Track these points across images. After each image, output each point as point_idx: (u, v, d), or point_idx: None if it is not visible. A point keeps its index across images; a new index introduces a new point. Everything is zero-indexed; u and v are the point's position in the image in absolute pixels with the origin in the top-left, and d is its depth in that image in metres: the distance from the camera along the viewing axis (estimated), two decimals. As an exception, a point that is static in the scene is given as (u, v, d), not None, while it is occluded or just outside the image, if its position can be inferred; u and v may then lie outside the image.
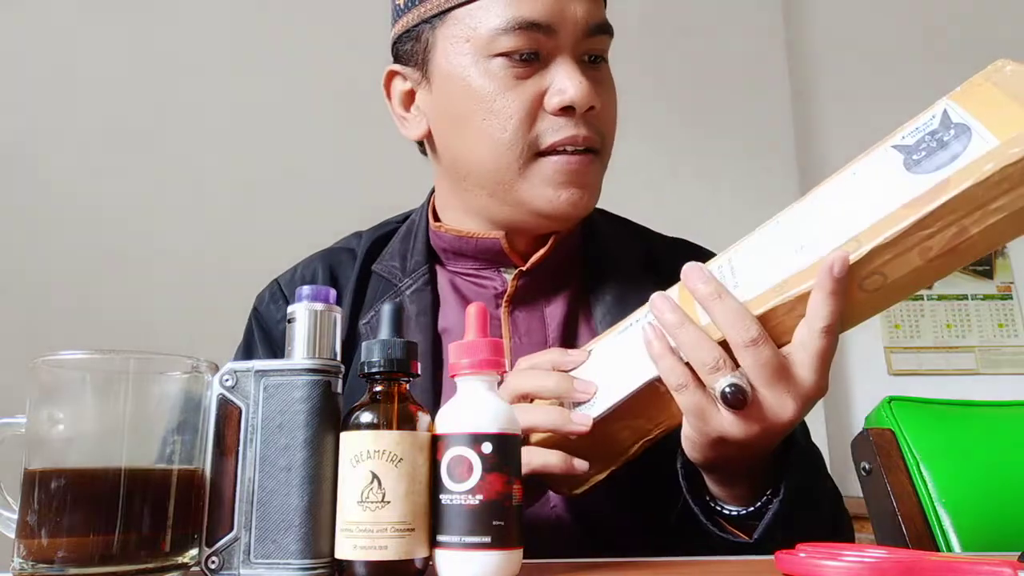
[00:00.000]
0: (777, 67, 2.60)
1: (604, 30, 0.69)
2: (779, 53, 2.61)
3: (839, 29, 2.68)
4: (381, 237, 0.81)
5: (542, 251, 0.72)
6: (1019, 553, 0.40)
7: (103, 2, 2.03)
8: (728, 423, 0.51)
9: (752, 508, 0.57)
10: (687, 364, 0.51)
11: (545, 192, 0.67)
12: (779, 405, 0.50)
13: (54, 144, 1.91)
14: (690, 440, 0.54)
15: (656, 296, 0.53)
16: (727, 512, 0.58)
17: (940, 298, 2.47)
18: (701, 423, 0.51)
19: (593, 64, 0.70)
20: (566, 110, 0.66)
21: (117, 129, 1.96)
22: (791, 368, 0.50)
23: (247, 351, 0.77)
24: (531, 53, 0.66)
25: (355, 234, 0.83)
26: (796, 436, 0.58)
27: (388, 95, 0.77)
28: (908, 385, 2.38)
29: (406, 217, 0.83)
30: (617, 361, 0.56)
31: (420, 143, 0.77)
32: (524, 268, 0.72)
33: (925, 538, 0.90)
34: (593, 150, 0.68)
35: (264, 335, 0.77)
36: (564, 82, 0.66)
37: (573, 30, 0.66)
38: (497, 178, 0.68)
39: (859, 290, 0.49)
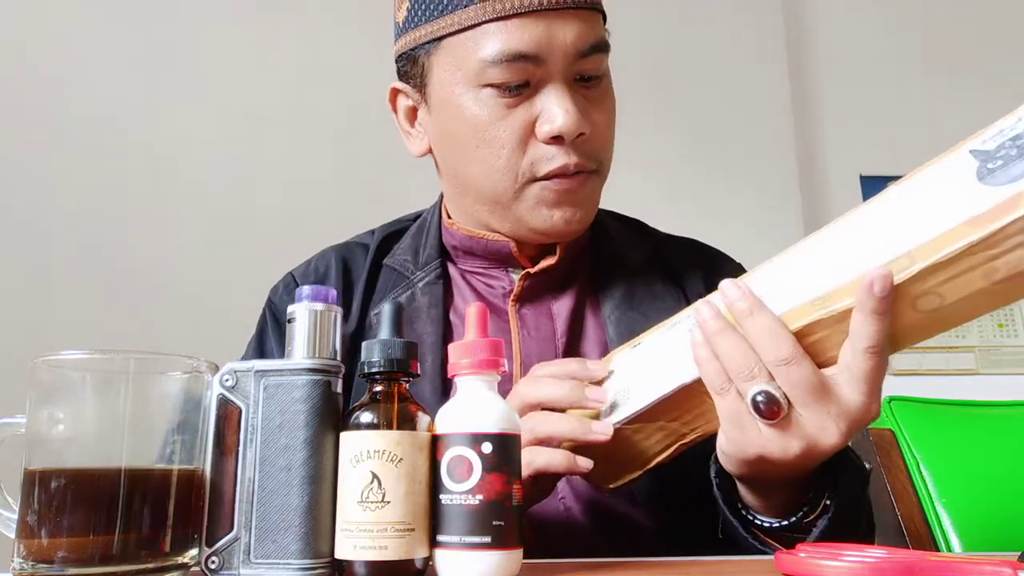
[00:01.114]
0: (778, 73, 2.59)
1: (598, 49, 0.68)
2: (780, 60, 2.61)
3: (841, 38, 2.68)
4: (393, 233, 0.82)
5: (551, 260, 0.73)
6: (1019, 553, 0.40)
7: (105, 4, 2.03)
8: (767, 438, 0.49)
9: (788, 522, 0.55)
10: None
11: (540, 213, 0.68)
12: (819, 427, 0.48)
13: (54, 143, 1.91)
14: (727, 455, 0.53)
15: (700, 302, 0.52)
16: (761, 523, 0.56)
17: (940, 298, 2.47)
18: (739, 433, 0.50)
19: (588, 83, 0.69)
20: (556, 138, 0.66)
21: (117, 128, 1.96)
22: (833, 388, 0.47)
23: (260, 341, 0.78)
24: (520, 83, 0.66)
25: (369, 231, 0.85)
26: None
27: (394, 109, 0.78)
28: (908, 385, 2.37)
29: (417, 216, 0.84)
30: (650, 366, 0.55)
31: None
32: (531, 271, 0.73)
33: (925, 538, 0.90)
34: (586, 170, 0.69)
35: (277, 325, 0.78)
36: (553, 110, 0.65)
37: (563, 58, 0.65)
38: (495, 198, 0.69)
39: (912, 310, 0.45)
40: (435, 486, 0.42)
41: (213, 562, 0.41)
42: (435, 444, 0.42)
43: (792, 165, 2.49)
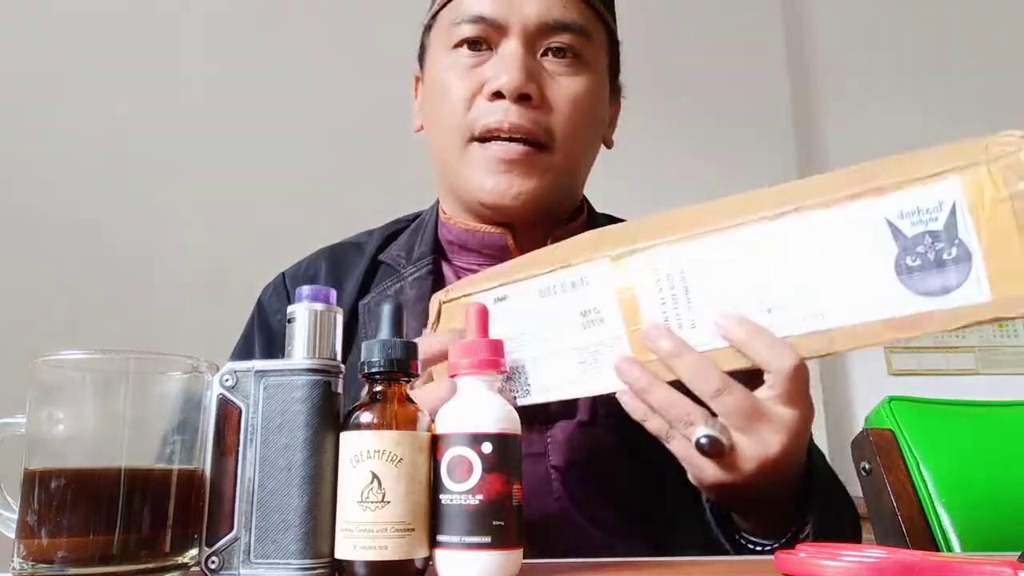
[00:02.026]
0: (777, 73, 2.59)
1: (566, 28, 0.70)
2: (780, 60, 2.61)
3: (841, 38, 2.68)
4: (392, 233, 0.84)
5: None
6: (1019, 553, 0.40)
7: (108, 6, 2.03)
8: (721, 468, 0.51)
9: (779, 543, 0.56)
10: None
11: (477, 178, 0.70)
12: (761, 443, 0.50)
13: (56, 144, 1.91)
14: (698, 486, 0.55)
15: (621, 363, 0.53)
16: (754, 546, 0.58)
17: (940, 298, 2.47)
18: (696, 470, 0.52)
19: (554, 58, 0.71)
20: (498, 95, 0.68)
21: (118, 128, 1.96)
22: (765, 408, 0.50)
23: (245, 340, 0.79)
24: (482, 43, 0.70)
25: (366, 231, 0.86)
26: (814, 457, 0.59)
27: (416, 97, 0.83)
28: (908, 385, 2.37)
29: (416, 216, 0.86)
30: (554, 359, 0.57)
31: None
32: None
33: (925, 538, 0.90)
34: (532, 142, 0.69)
35: (262, 324, 0.79)
36: (498, 68, 0.69)
37: (522, 26, 0.69)
38: (449, 162, 0.72)
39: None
40: (435, 486, 0.42)
41: (213, 562, 0.41)
42: (435, 444, 0.42)
43: (792, 165, 2.49)
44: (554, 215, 0.75)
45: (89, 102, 1.96)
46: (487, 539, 0.40)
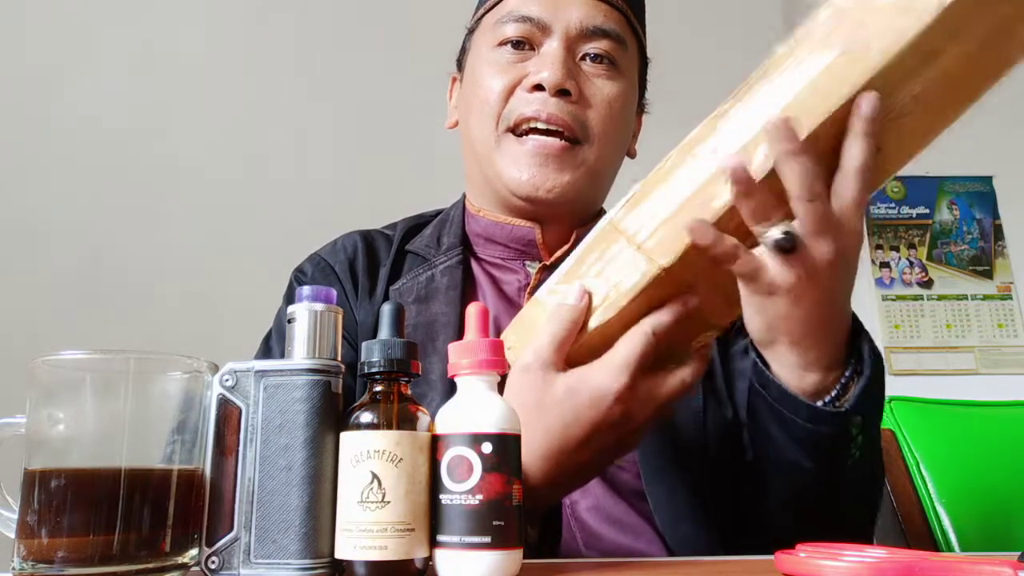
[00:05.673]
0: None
1: (605, 34, 0.73)
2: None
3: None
4: (415, 226, 0.85)
5: (566, 246, 0.75)
6: (1019, 553, 0.40)
7: (111, 4, 2.03)
8: (791, 271, 0.49)
9: (837, 388, 0.54)
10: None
11: (511, 171, 0.72)
12: (821, 252, 0.49)
13: (55, 143, 1.91)
14: (751, 320, 0.53)
15: (727, 160, 0.51)
16: (809, 404, 0.55)
17: (940, 298, 2.47)
18: (770, 276, 0.50)
19: (592, 63, 0.74)
20: (538, 88, 0.71)
21: (117, 127, 1.96)
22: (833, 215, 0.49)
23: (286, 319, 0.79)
24: (525, 42, 0.73)
25: (390, 224, 0.87)
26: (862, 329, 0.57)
27: (450, 97, 0.86)
28: (908, 385, 2.38)
29: (439, 212, 0.87)
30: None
31: None
32: (547, 263, 0.75)
33: (925, 538, 0.90)
34: (567, 136, 0.71)
35: None
36: (541, 63, 0.72)
37: (564, 28, 0.72)
38: (483, 152, 0.74)
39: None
40: (435, 486, 0.42)
41: (213, 562, 0.41)
42: (435, 444, 0.42)
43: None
44: (580, 213, 0.77)
45: (89, 101, 1.96)
46: (487, 539, 0.40)
